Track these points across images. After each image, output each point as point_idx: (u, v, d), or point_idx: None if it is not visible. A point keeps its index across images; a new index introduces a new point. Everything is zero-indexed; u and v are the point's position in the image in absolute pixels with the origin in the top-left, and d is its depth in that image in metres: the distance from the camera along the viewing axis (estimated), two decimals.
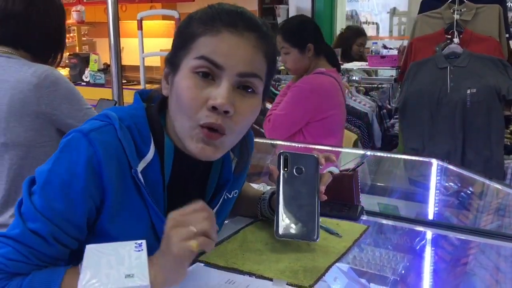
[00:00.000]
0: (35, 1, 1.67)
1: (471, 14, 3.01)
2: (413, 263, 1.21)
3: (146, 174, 0.95)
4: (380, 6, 8.01)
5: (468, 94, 2.79)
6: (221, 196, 1.08)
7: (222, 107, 0.89)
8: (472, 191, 1.90)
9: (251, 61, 0.92)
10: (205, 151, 0.93)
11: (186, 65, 0.92)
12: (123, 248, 0.69)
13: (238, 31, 0.91)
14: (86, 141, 0.89)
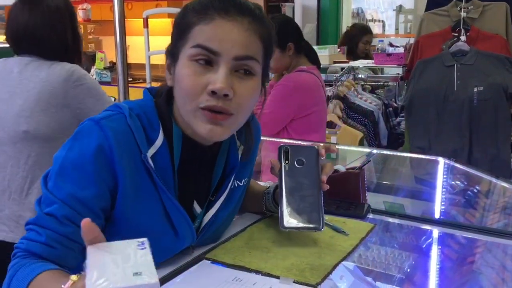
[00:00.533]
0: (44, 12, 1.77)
1: (478, 12, 3.00)
2: (419, 261, 1.21)
3: (155, 159, 0.98)
4: (386, 3, 7.98)
5: (475, 92, 2.78)
6: (228, 183, 1.10)
7: (221, 91, 0.92)
8: (479, 189, 1.89)
9: (245, 44, 0.95)
10: (213, 132, 0.96)
11: (184, 54, 0.96)
12: (126, 246, 0.68)
13: (231, 16, 0.94)
14: (97, 128, 0.94)
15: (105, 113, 0.99)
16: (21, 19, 1.77)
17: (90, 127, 0.95)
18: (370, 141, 3.37)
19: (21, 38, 1.79)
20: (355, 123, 3.37)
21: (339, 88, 3.50)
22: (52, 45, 1.79)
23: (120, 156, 0.93)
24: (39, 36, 1.77)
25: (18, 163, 1.71)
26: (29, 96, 1.70)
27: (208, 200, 1.10)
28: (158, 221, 1.00)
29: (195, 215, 1.08)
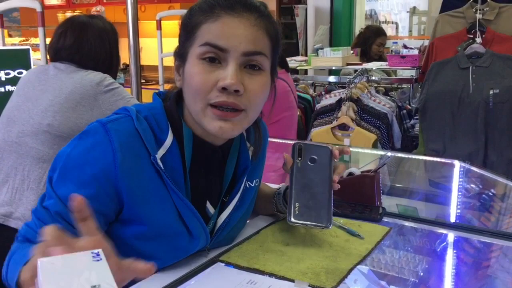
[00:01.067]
0: (86, 33, 1.92)
1: (494, 13, 2.97)
2: (434, 265, 1.19)
3: (165, 160, 0.98)
4: (399, 5, 7.94)
5: (491, 94, 2.76)
6: (241, 184, 1.10)
7: (232, 86, 0.93)
8: (494, 193, 1.88)
9: (253, 39, 0.95)
10: (223, 129, 0.96)
11: (192, 54, 0.96)
12: (81, 258, 0.65)
13: (237, 12, 0.95)
14: (103, 130, 0.95)
15: (113, 116, 1.00)
16: (69, 40, 1.91)
17: (96, 128, 0.96)
18: (384, 143, 3.35)
19: (66, 52, 1.91)
20: (368, 125, 3.35)
21: (353, 90, 3.48)
22: (98, 61, 1.93)
23: (124, 159, 0.93)
24: (88, 52, 1.91)
25: (38, 153, 1.77)
26: (60, 94, 1.80)
27: (221, 201, 1.10)
28: (171, 221, 1.00)
29: (209, 216, 1.08)
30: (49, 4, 7.53)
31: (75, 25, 1.95)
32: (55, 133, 1.75)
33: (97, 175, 0.93)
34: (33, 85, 1.86)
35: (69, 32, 1.93)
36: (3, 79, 2.70)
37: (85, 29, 1.94)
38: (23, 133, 1.79)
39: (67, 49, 1.91)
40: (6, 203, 1.75)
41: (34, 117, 1.78)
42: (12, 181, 1.78)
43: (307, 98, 3.92)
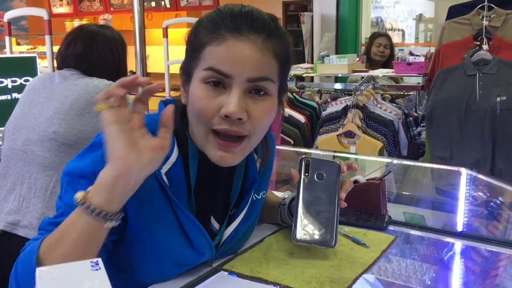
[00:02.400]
0: (96, 42, 1.94)
1: (501, 20, 2.96)
2: (441, 274, 1.18)
3: (170, 175, 0.97)
4: (406, 12, 7.95)
5: (498, 101, 2.74)
6: (249, 197, 1.09)
7: (234, 115, 0.90)
8: (502, 201, 1.86)
9: (258, 65, 0.92)
10: (223, 159, 0.95)
11: (197, 76, 0.94)
12: (79, 268, 0.64)
13: (243, 35, 0.91)
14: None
15: None
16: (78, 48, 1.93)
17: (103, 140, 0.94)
18: (390, 151, 3.33)
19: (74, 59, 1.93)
20: (374, 132, 3.34)
21: (359, 97, 3.47)
22: (105, 70, 1.94)
23: None
24: (96, 61, 1.93)
25: (44, 161, 1.77)
26: (66, 101, 1.80)
27: (228, 215, 1.09)
28: (175, 236, 0.99)
29: (214, 231, 1.07)
30: (57, 12, 7.59)
31: (85, 34, 1.96)
32: (61, 141, 1.76)
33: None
34: (38, 93, 1.87)
35: (79, 40, 1.94)
36: (9, 87, 2.72)
37: (95, 38, 1.95)
38: (29, 140, 1.79)
39: (76, 57, 1.92)
40: (14, 211, 1.75)
41: (40, 125, 1.79)
42: (19, 189, 1.79)
43: (313, 105, 3.91)
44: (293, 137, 3.50)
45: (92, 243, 0.82)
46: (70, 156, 1.77)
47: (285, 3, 8.19)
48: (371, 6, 6.75)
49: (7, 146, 1.86)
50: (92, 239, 0.82)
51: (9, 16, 3.51)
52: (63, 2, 7.68)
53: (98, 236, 0.82)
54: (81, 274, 0.63)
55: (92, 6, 7.37)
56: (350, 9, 5.82)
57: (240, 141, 0.94)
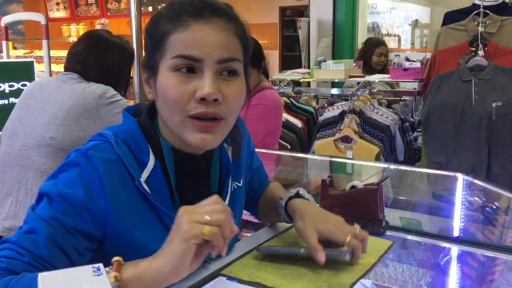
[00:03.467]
0: (97, 44, 1.95)
1: (496, 26, 2.97)
2: (437, 279, 1.18)
3: (150, 182, 0.97)
4: (402, 18, 7.98)
5: (494, 107, 2.75)
6: (228, 186, 1.09)
7: (210, 96, 0.91)
8: (498, 206, 1.86)
9: (225, 46, 0.93)
10: (205, 140, 0.94)
11: (164, 66, 0.93)
12: (81, 273, 0.66)
13: (205, 18, 0.92)
14: (85, 158, 0.93)
15: (90, 144, 0.97)
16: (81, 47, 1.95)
17: (77, 158, 0.94)
18: (387, 156, 3.35)
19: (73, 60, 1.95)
20: (371, 137, 3.35)
21: (355, 102, 3.48)
22: (106, 75, 1.95)
23: (110, 185, 0.92)
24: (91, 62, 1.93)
25: (41, 167, 1.77)
26: (63, 106, 1.80)
27: None
28: (162, 242, 0.98)
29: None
30: (54, 16, 7.59)
31: (90, 36, 1.98)
32: (58, 146, 1.75)
33: (85, 202, 0.91)
34: (35, 97, 1.86)
35: (83, 40, 1.96)
36: (6, 91, 2.72)
37: (99, 40, 1.96)
38: (26, 146, 1.79)
39: (75, 57, 1.92)
40: (11, 216, 1.75)
41: (37, 130, 1.78)
42: (15, 194, 1.78)
43: (310, 111, 3.92)
44: (290, 141, 3.51)
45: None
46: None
47: (281, 8, 8.20)
48: (367, 12, 6.77)
49: (4, 151, 1.86)
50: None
51: (6, 20, 3.52)
52: (60, 6, 7.68)
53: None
54: (83, 279, 0.63)
55: (89, 11, 7.37)
56: (347, 15, 5.83)
57: (216, 122, 0.94)
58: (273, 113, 2.60)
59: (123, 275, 0.78)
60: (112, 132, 0.98)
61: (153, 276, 0.79)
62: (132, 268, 0.80)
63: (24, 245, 0.87)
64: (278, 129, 2.71)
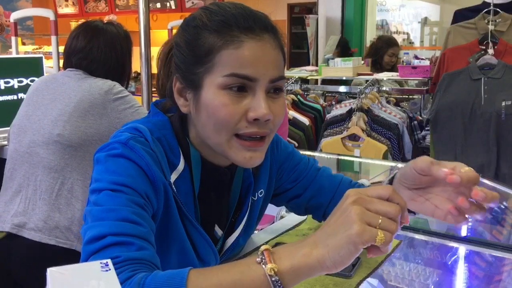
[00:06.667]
0: (97, 38, 1.92)
1: (506, 24, 2.95)
2: (444, 279, 1.18)
3: (178, 185, 0.95)
4: (411, 15, 7.95)
5: (503, 106, 2.73)
6: (248, 203, 1.08)
7: (265, 118, 0.88)
8: (507, 206, 1.85)
9: (276, 64, 0.91)
10: (253, 159, 0.92)
11: (212, 83, 0.89)
12: (89, 269, 0.64)
13: (257, 35, 0.89)
14: (129, 148, 0.89)
15: (126, 135, 0.92)
16: (80, 43, 1.92)
17: (120, 148, 0.89)
18: (395, 154, 3.33)
19: (76, 56, 1.91)
20: (379, 136, 3.34)
21: (363, 100, 3.47)
22: (108, 68, 1.92)
23: (155, 173, 0.88)
24: (97, 58, 1.91)
25: (49, 164, 1.77)
26: (69, 103, 1.79)
27: (230, 221, 1.08)
28: (180, 245, 0.97)
29: (217, 238, 1.07)
30: (62, 12, 7.61)
31: (88, 29, 1.94)
32: (65, 143, 1.76)
33: (144, 187, 0.86)
34: (42, 94, 1.87)
35: (81, 35, 1.92)
36: (15, 87, 2.73)
37: (97, 33, 1.93)
38: (34, 143, 1.79)
39: (77, 53, 1.90)
40: (20, 213, 1.75)
41: (45, 127, 1.79)
42: (25, 191, 1.79)
43: (317, 108, 3.92)
44: (297, 139, 3.50)
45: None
46: (75, 158, 1.77)
47: (290, 6, 8.19)
48: (376, 9, 6.74)
49: (12, 148, 1.87)
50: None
51: (16, 16, 3.53)
52: (68, 2, 7.71)
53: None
54: (91, 275, 0.63)
55: (98, 7, 7.39)
56: (355, 12, 5.82)
57: (263, 140, 0.92)
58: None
59: (280, 267, 0.70)
60: (147, 127, 0.95)
61: (310, 268, 0.70)
62: (288, 257, 0.71)
63: (122, 231, 0.79)
64: (285, 131, 2.66)
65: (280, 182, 1.18)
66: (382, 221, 0.68)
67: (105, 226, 0.79)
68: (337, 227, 0.69)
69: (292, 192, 1.18)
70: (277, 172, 1.17)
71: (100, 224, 0.80)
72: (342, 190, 1.15)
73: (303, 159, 1.21)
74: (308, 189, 1.17)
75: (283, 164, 1.18)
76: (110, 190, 0.84)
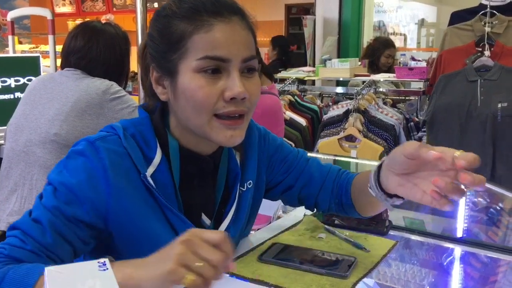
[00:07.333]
0: (96, 38, 1.93)
1: (503, 27, 2.96)
2: (440, 280, 1.18)
3: (156, 177, 0.97)
4: (408, 17, 7.96)
5: (499, 108, 2.74)
6: (235, 194, 1.08)
7: (240, 96, 0.92)
8: (502, 207, 1.86)
9: (247, 44, 0.95)
10: (234, 137, 0.96)
11: (187, 68, 0.92)
12: (87, 268, 0.65)
13: (226, 17, 0.93)
14: (92, 148, 0.94)
15: (99, 134, 0.98)
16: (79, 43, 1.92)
17: (85, 147, 0.95)
18: None
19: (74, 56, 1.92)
20: (375, 137, 3.35)
21: (360, 101, 3.48)
22: (108, 67, 1.93)
23: (115, 177, 0.92)
24: (96, 57, 1.91)
25: (45, 163, 1.77)
26: (67, 102, 1.80)
27: (219, 212, 1.08)
28: (166, 237, 0.96)
29: (206, 227, 1.06)
30: (59, 12, 7.60)
31: (86, 29, 1.95)
32: (62, 143, 1.76)
33: (89, 193, 0.92)
34: (39, 94, 1.87)
35: (80, 35, 1.93)
36: (12, 86, 2.73)
37: (96, 33, 1.93)
38: (31, 142, 1.79)
39: (76, 53, 1.91)
40: (16, 212, 1.75)
41: (42, 126, 1.78)
42: (20, 190, 1.79)
43: (314, 109, 3.92)
44: (294, 140, 3.51)
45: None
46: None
47: (287, 6, 8.20)
48: (374, 10, 6.75)
49: (9, 147, 1.86)
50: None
51: (13, 15, 3.53)
52: (65, 1, 7.70)
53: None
54: (88, 274, 0.64)
55: (95, 6, 7.38)
56: (353, 13, 5.82)
57: (242, 118, 0.96)
58: (260, 120, 2.52)
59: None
60: (122, 125, 0.99)
61: (135, 285, 0.76)
62: (119, 271, 0.75)
63: (29, 232, 0.88)
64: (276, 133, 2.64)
65: (272, 175, 1.21)
66: (202, 266, 0.72)
67: (26, 222, 0.90)
68: (159, 259, 0.76)
69: (284, 183, 1.21)
70: (268, 164, 1.20)
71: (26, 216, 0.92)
72: (331, 178, 1.19)
73: (292, 151, 1.24)
74: (299, 179, 1.20)
75: (273, 157, 1.21)
76: (54, 188, 0.92)
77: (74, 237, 0.91)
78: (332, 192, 1.19)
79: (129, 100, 1.89)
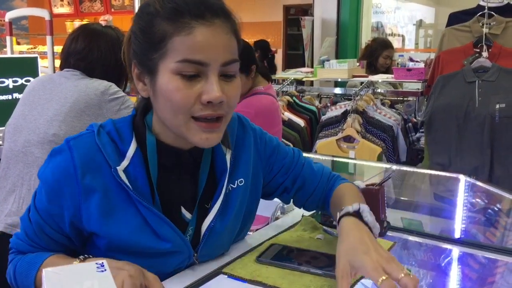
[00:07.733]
0: (97, 40, 1.92)
1: (501, 28, 2.97)
2: (438, 281, 1.19)
3: (129, 171, 0.98)
4: (406, 18, 7.98)
5: (497, 109, 2.75)
6: (221, 189, 1.07)
7: (217, 100, 0.93)
8: (500, 208, 1.86)
9: (228, 48, 0.95)
10: (210, 140, 0.97)
11: (166, 68, 0.93)
12: (85, 269, 0.67)
13: (208, 20, 0.92)
14: (66, 147, 0.99)
15: (79, 133, 1.02)
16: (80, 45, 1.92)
17: (61, 147, 1.00)
18: (389, 156, 3.34)
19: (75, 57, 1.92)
20: (373, 137, 3.35)
21: (358, 102, 3.48)
22: (107, 69, 1.93)
23: (83, 174, 0.96)
24: (97, 59, 1.91)
25: None
26: (65, 103, 1.80)
27: (201, 207, 1.07)
28: (139, 231, 0.99)
29: (187, 222, 1.06)
30: (57, 12, 7.59)
31: (87, 32, 1.95)
32: (61, 143, 1.76)
33: (64, 190, 0.97)
34: (38, 94, 1.87)
35: (81, 37, 1.93)
36: (10, 87, 2.72)
37: (97, 36, 1.94)
38: (29, 142, 1.79)
39: (76, 54, 1.91)
40: (14, 213, 1.75)
41: (40, 127, 1.78)
42: (19, 190, 1.78)
43: (312, 110, 3.92)
44: (292, 141, 3.51)
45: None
46: None
47: (286, 7, 8.20)
48: (372, 11, 6.76)
49: (7, 147, 1.86)
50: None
51: (11, 16, 3.52)
52: (63, 2, 7.68)
53: None
54: (86, 275, 0.64)
55: (93, 7, 7.37)
56: (351, 14, 5.83)
57: (220, 121, 0.96)
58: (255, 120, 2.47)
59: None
60: (104, 123, 1.02)
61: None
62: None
63: (26, 230, 1.04)
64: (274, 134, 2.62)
65: (271, 175, 1.21)
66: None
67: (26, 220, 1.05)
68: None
69: (283, 185, 1.23)
70: (266, 165, 1.20)
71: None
72: (321, 186, 1.24)
73: (289, 152, 1.25)
74: (296, 183, 1.23)
75: (271, 158, 1.21)
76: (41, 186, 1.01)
77: (58, 235, 1.01)
78: (320, 199, 1.24)
79: (127, 101, 1.89)
